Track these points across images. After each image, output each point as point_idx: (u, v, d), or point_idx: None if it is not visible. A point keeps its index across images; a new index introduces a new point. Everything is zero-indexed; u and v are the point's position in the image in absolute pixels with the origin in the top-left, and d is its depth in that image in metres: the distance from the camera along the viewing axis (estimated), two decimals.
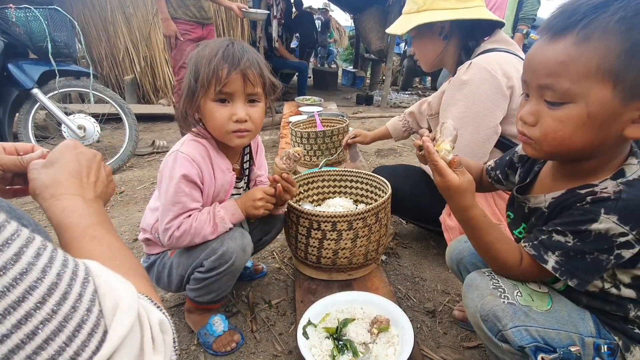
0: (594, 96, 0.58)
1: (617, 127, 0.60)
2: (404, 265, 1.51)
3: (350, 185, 1.55)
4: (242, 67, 0.89)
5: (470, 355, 1.08)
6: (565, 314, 0.74)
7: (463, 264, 1.00)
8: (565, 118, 0.62)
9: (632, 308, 0.72)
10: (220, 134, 0.96)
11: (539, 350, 0.72)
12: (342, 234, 1.17)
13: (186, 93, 0.94)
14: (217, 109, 0.92)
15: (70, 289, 0.30)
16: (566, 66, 0.59)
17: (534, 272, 0.74)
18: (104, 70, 4.65)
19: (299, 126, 2.24)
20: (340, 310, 1.08)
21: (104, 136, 3.28)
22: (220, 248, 0.96)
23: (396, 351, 0.94)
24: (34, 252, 0.29)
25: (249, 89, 0.92)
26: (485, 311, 0.75)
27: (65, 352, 0.28)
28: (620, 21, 0.54)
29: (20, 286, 0.26)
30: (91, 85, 2.59)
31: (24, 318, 0.26)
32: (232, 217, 1.00)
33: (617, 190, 0.63)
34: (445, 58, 1.38)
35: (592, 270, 0.67)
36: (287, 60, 5.35)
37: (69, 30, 2.54)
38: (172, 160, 0.95)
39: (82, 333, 0.29)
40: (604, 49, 0.56)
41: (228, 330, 1.11)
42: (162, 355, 0.34)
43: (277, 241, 1.67)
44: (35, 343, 0.26)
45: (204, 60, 0.90)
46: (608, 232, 0.63)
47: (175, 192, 0.93)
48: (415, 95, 6.28)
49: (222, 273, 0.97)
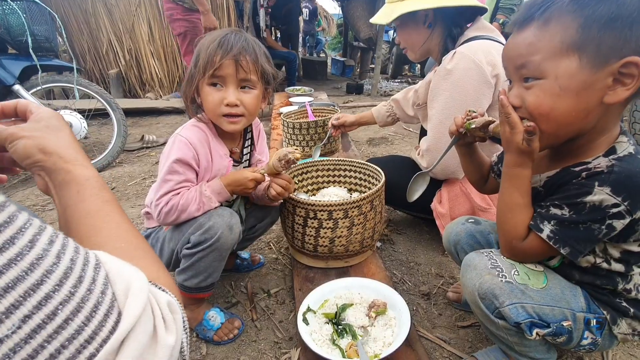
0: (562, 69, 0.64)
1: (595, 95, 0.64)
2: (398, 251, 1.54)
3: (344, 174, 1.57)
4: (234, 53, 0.95)
5: (465, 334, 1.12)
6: (559, 291, 0.78)
7: (460, 245, 1.03)
8: (540, 93, 0.67)
9: (620, 281, 0.77)
10: (213, 116, 1.03)
11: (533, 325, 0.76)
12: (338, 223, 1.19)
13: (188, 77, 1.02)
14: (211, 92, 0.99)
15: (84, 273, 0.31)
16: (534, 46, 0.66)
17: (533, 247, 0.77)
18: (87, 65, 4.53)
19: (290, 117, 2.23)
20: (339, 296, 1.11)
21: (91, 132, 3.21)
22: (207, 223, 0.99)
23: (394, 333, 0.97)
24: (47, 239, 0.30)
25: (242, 74, 0.97)
26: (483, 289, 0.78)
27: (84, 331, 0.29)
28: (571, 2, 0.62)
29: (38, 270, 0.27)
30: (75, 80, 2.52)
31: (44, 299, 0.27)
32: (218, 195, 1.03)
33: (610, 164, 0.67)
34: (430, 47, 1.38)
35: (584, 239, 0.71)
36: (275, 50, 5.28)
37: (49, 24, 2.46)
38: (171, 142, 1.03)
39: (98, 314, 0.30)
40: (563, 26, 0.63)
41: (226, 320, 1.12)
42: (174, 333, 0.36)
43: (273, 232, 1.68)
44: (55, 323, 0.27)
45: (203, 47, 0.97)
46: (602, 203, 0.67)
47: (168, 171, 0.99)
48: (405, 83, 6.28)
49: (208, 248, 0.98)
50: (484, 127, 0.82)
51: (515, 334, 0.81)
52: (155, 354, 0.33)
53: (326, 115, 2.21)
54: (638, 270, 0.76)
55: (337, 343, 0.96)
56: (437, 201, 1.44)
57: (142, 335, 0.32)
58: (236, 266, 1.42)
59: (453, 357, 1.04)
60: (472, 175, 1.02)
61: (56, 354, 0.27)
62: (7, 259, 0.26)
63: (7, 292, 0.25)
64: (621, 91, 0.63)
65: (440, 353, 1.06)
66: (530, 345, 0.84)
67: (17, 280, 0.26)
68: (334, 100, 3.96)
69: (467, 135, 0.88)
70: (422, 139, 1.43)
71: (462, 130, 0.87)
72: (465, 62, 1.21)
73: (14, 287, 0.25)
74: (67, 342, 0.28)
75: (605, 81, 0.63)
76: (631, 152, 0.68)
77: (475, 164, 0.99)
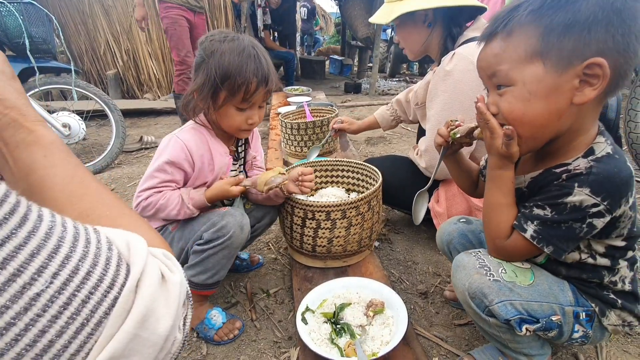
0: (528, 75, 0.68)
1: (564, 97, 0.67)
2: (396, 250, 1.55)
3: (342, 174, 1.58)
4: (269, 85, 1.02)
5: (461, 331, 1.14)
6: (546, 286, 0.80)
7: (453, 245, 1.05)
8: (512, 99, 0.70)
9: (606, 274, 0.79)
10: (231, 130, 1.08)
11: (523, 321, 0.77)
12: (336, 223, 1.20)
13: (208, 88, 0.99)
14: (238, 114, 1.04)
15: (89, 235, 0.35)
16: (500, 56, 0.70)
17: (517, 246, 0.79)
18: (85, 66, 4.53)
19: (288, 117, 2.24)
20: (337, 296, 1.12)
21: (89, 134, 3.22)
22: (220, 222, 1.02)
23: (391, 331, 0.99)
24: (49, 212, 0.33)
25: (266, 98, 1.07)
26: (472, 289, 0.80)
27: (105, 279, 0.33)
28: (530, 13, 0.67)
29: (53, 238, 0.31)
30: (73, 81, 2.52)
31: (65, 259, 0.31)
32: (196, 203, 1.06)
33: (588, 166, 0.70)
34: (430, 46, 1.38)
35: (566, 238, 0.73)
36: (273, 50, 5.28)
37: (46, 25, 2.46)
38: (167, 141, 1.06)
39: (112, 265, 0.34)
40: (525, 36, 0.67)
41: (227, 320, 1.14)
42: (178, 273, 0.40)
43: (272, 232, 1.69)
44: (80, 276, 0.32)
45: (233, 65, 0.97)
46: (582, 204, 0.69)
47: (156, 169, 1.03)
48: (403, 82, 6.29)
49: (219, 246, 1.01)
50: (469, 134, 0.84)
51: (507, 331, 0.83)
52: (167, 290, 0.37)
53: (324, 116, 2.22)
54: (624, 264, 0.78)
55: (336, 342, 0.97)
56: (435, 201, 1.45)
57: (153, 275, 0.36)
58: (235, 266, 1.43)
59: (450, 355, 1.06)
60: (462, 181, 1.04)
61: (87, 299, 0.31)
62: (27, 231, 0.29)
63: (34, 257, 0.29)
64: (589, 91, 0.65)
65: (438, 351, 1.07)
66: (523, 341, 0.85)
67: (40, 247, 0.30)
68: (332, 100, 3.97)
69: (455, 144, 0.90)
70: (421, 139, 1.44)
71: (449, 140, 0.88)
72: (464, 63, 1.22)
73: (39, 253, 0.29)
74: (93, 289, 0.32)
75: (571, 83, 0.65)
76: (609, 153, 0.70)
77: (464, 170, 1.02)
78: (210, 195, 1.07)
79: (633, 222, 0.74)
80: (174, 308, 0.37)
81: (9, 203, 0.29)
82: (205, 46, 1.01)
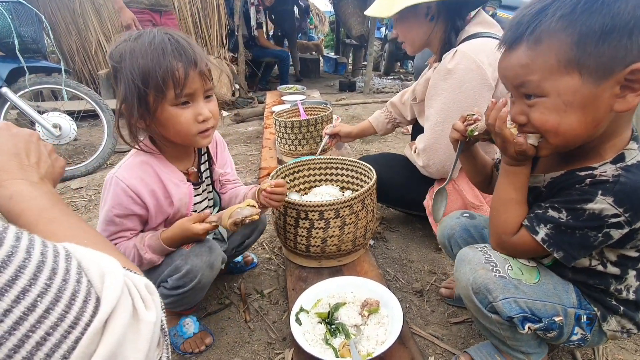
0: (563, 86, 0.62)
1: (603, 105, 0.62)
2: (391, 249, 1.54)
3: (336, 172, 1.56)
4: (198, 64, 0.83)
5: (457, 330, 1.13)
6: (551, 286, 0.79)
7: (454, 239, 1.03)
8: (545, 110, 0.65)
9: (613, 282, 0.77)
10: (185, 138, 0.89)
11: (526, 320, 0.76)
12: (329, 222, 1.19)
13: (132, 96, 0.82)
14: (180, 113, 0.85)
15: (56, 264, 0.32)
16: (529, 67, 0.64)
17: (524, 244, 0.77)
18: (76, 65, 4.46)
19: (282, 116, 2.22)
20: (331, 296, 1.11)
21: (81, 134, 3.17)
22: (184, 266, 0.90)
23: (386, 331, 0.98)
24: (13, 236, 0.30)
25: (207, 85, 0.87)
26: (477, 284, 0.79)
27: (67, 318, 0.30)
28: (560, 19, 0.60)
29: (10, 267, 0.28)
30: (63, 81, 2.48)
31: (21, 293, 0.28)
32: (160, 254, 0.93)
33: (616, 174, 0.65)
34: (431, 40, 1.33)
35: (579, 246, 0.70)
36: (267, 49, 5.25)
37: (35, 25, 2.42)
38: (108, 184, 0.90)
39: (77, 301, 0.32)
40: (556, 45, 0.61)
41: (199, 332, 1.09)
42: (154, 311, 0.37)
43: (266, 232, 1.67)
44: (36, 314, 0.29)
45: (148, 58, 0.80)
46: (602, 213, 0.65)
47: (104, 220, 0.91)
48: (398, 80, 6.28)
49: (188, 291, 0.92)
50: (488, 132, 0.81)
51: (507, 328, 0.82)
52: (139, 331, 0.35)
53: (318, 114, 2.20)
54: (633, 273, 0.76)
55: (330, 342, 0.96)
56: (430, 198, 1.44)
57: (123, 315, 0.34)
58: (229, 267, 1.41)
59: (446, 354, 1.05)
60: (476, 176, 1.00)
61: (42, 342, 0.28)
62: None
63: None
64: (631, 97, 0.61)
65: (433, 350, 1.06)
66: (522, 339, 0.84)
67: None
68: (327, 98, 3.95)
69: (470, 140, 0.88)
70: (419, 137, 1.41)
71: (466, 135, 0.86)
72: (467, 62, 1.18)
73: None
74: (50, 329, 0.29)
75: (612, 90, 0.61)
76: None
77: (479, 166, 0.98)
78: (169, 238, 0.91)
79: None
80: (143, 352, 0.34)
81: None
82: (112, 54, 0.84)
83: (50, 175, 0.57)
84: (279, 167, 1.44)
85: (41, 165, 0.55)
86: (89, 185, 2.36)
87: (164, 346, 0.39)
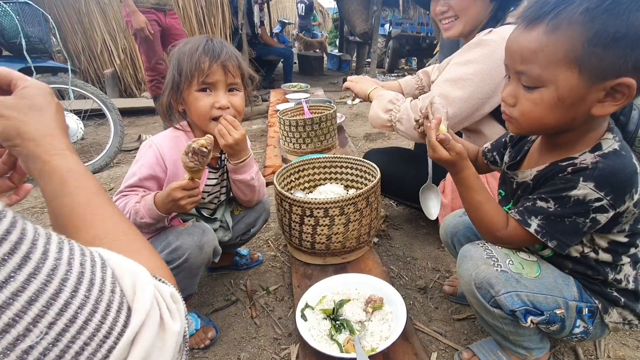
0: (562, 81, 0.65)
1: (585, 106, 0.66)
2: (395, 246, 1.56)
3: (340, 171, 1.58)
4: (222, 59, 0.98)
5: (460, 326, 1.14)
6: (552, 280, 0.80)
7: (457, 237, 1.05)
8: (538, 101, 0.68)
9: (610, 272, 0.79)
10: (203, 121, 1.02)
11: (528, 313, 0.78)
12: (334, 220, 1.20)
13: (170, 86, 1.02)
14: (201, 97, 1.00)
15: (94, 275, 0.33)
16: (537, 54, 0.65)
17: (518, 235, 0.79)
18: (82, 65, 4.51)
19: (287, 114, 2.24)
20: (336, 292, 1.13)
21: (87, 133, 3.21)
22: (174, 242, 0.95)
23: (390, 327, 0.99)
24: (56, 247, 0.31)
25: (230, 79, 1.01)
26: (479, 279, 0.81)
27: (102, 328, 0.31)
28: (584, 12, 0.60)
29: (55, 280, 0.30)
30: (70, 81, 2.52)
31: (64, 306, 0.30)
32: (148, 211, 0.95)
33: (594, 161, 0.69)
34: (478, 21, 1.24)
35: (569, 233, 0.73)
36: (271, 47, 5.25)
37: (42, 25, 2.46)
38: (145, 146, 1.04)
39: (112, 311, 0.33)
40: (570, 38, 0.62)
41: (201, 327, 1.11)
42: (179, 322, 0.38)
43: (271, 229, 1.69)
44: (77, 325, 0.30)
45: (185, 55, 0.99)
46: (585, 198, 0.69)
47: (129, 174, 1.02)
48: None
49: (175, 269, 0.95)
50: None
51: (510, 322, 0.83)
52: (165, 340, 0.36)
53: (322, 112, 2.21)
54: (628, 260, 0.78)
55: (335, 338, 0.98)
56: (440, 191, 1.44)
57: (152, 326, 0.35)
58: (235, 263, 1.44)
59: (449, 350, 1.07)
60: None
61: (81, 351, 0.30)
62: (27, 274, 0.28)
63: (32, 304, 0.28)
64: (609, 106, 0.64)
65: (437, 346, 1.08)
66: (525, 334, 0.86)
67: (39, 292, 0.28)
68: (331, 96, 3.95)
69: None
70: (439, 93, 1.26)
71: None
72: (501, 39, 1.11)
73: (37, 299, 0.28)
74: (88, 339, 0.30)
75: (597, 95, 0.64)
76: (616, 149, 0.70)
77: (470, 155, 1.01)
78: (159, 196, 0.94)
79: (637, 218, 0.74)
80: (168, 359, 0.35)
81: (9, 242, 0.28)
82: (171, 56, 1.05)
83: None
84: (284, 166, 1.46)
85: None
86: None
87: (184, 351, 0.40)
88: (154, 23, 2.78)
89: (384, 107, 1.37)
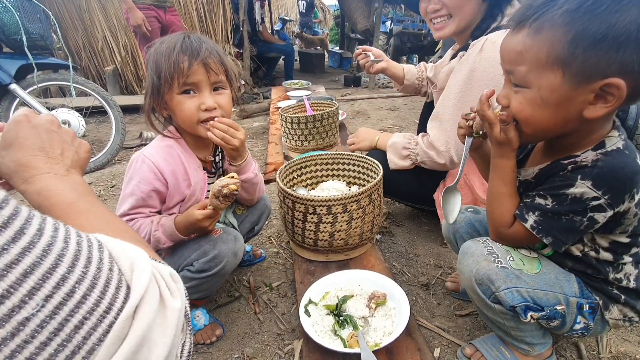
0: (545, 82, 0.66)
1: (575, 108, 0.66)
2: (398, 243, 1.56)
3: (343, 167, 1.58)
4: (202, 57, 0.91)
5: (463, 322, 1.15)
6: (552, 276, 0.81)
7: (459, 234, 1.05)
8: (524, 100, 0.70)
9: (610, 271, 0.79)
10: (189, 125, 0.96)
11: (528, 309, 0.79)
12: (337, 217, 1.20)
13: (150, 91, 0.95)
14: (184, 100, 0.93)
15: (91, 254, 0.34)
16: (522, 55, 0.67)
17: (519, 232, 0.80)
18: (83, 62, 4.49)
19: (288, 111, 2.23)
20: (339, 289, 1.13)
21: (89, 130, 3.21)
22: (212, 251, 0.96)
23: (393, 323, 1.00)
24: (52, 226, 0.32)
25: (213, 77, 0.94)
26: (480, 275, 0.81)
27: (102, 304, 0.32)
28: (565, 14, 0.61)
29: (51, 255, 0.30)
30: (71, 77, 2.51)
31: (61, 280, 0.30)
32: (170, 237, 0.96)
33: (595, 159, 0.69)
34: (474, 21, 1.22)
35: (566, 230, 0.74)
36: (272, 44, 5.24)
37: (43, 21, 2.44)
38: (135, 162, 0.97)
39: (110, 288, 0.33)
40: (552, 39, 0.63)
41: (209, 324, 1.12)
42: (179, 299, 0.39)
43: (274, 226, 1.70)
44: (75, 299, 0.30)
45: (162, 56, 0.91)
46: (582, 196, 0.69)
47: (128, 193, 0.96)
48: None
49: (212, 276, 0.97)
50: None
51: (511, 318, 0.84)
52: (165, 317, 0.37)
53: (324, 109, 2.21)
54: (629, 260, 0.78)
55: (339, 333, 0.98)
56: (440, 191, 1.45)
57: (152, 302, 0.36)
58: None
59: (452, 345, 1.07)
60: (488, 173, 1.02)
61: (80, 325, 0.30)
62: (21, 247, 0.28)
63: (27, 277, 0.28)
64: (600, 107, 0.64)
65: (439, 341, 1.09)
66: (526, 330, 0.86)
67: (34, 266, 0.28)
68: (332, 94, 3.94)
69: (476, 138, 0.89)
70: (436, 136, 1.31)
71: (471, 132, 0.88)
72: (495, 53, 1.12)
73: (32, 272, 0.28)
74: (87, 314, 0.31)
75: (586, 96, 0.64)
76: (619, 147, 0.70)
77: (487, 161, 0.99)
78: (179, 221, 0.95)
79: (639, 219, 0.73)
80: (170, 336, 0.36)
81: (1, 216, 0.28)
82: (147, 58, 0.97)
83: (77, 164, 0.57)
84: (286, 163, 1.46)
85: (66, 155, 0.55)
86: (98, 180, 2.40)
87: (187, 331, 0.41)
88: (154, 20, 2.77)
89: (401, 155, 1.43)
